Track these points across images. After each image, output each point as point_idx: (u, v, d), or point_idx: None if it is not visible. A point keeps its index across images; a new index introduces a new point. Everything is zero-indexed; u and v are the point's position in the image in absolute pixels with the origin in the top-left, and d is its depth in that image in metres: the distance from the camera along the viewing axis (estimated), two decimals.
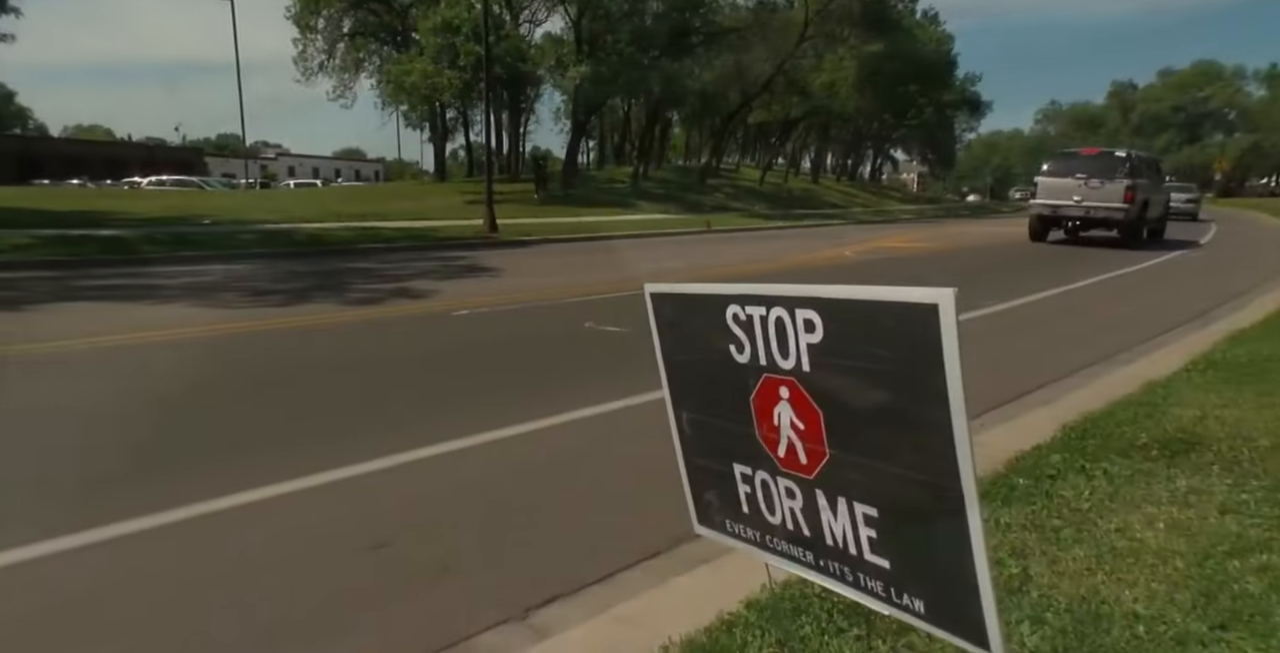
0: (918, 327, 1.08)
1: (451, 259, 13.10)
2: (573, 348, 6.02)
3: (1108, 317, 7.64)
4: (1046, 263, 13.31)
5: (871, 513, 1.25)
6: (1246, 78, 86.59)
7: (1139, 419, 3.66)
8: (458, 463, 3.49)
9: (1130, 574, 2.21)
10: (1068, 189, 15.88)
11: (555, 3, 29.51)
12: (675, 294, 1.52)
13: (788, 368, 1.30)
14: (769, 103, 41.78)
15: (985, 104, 68.95)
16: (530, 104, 38.67)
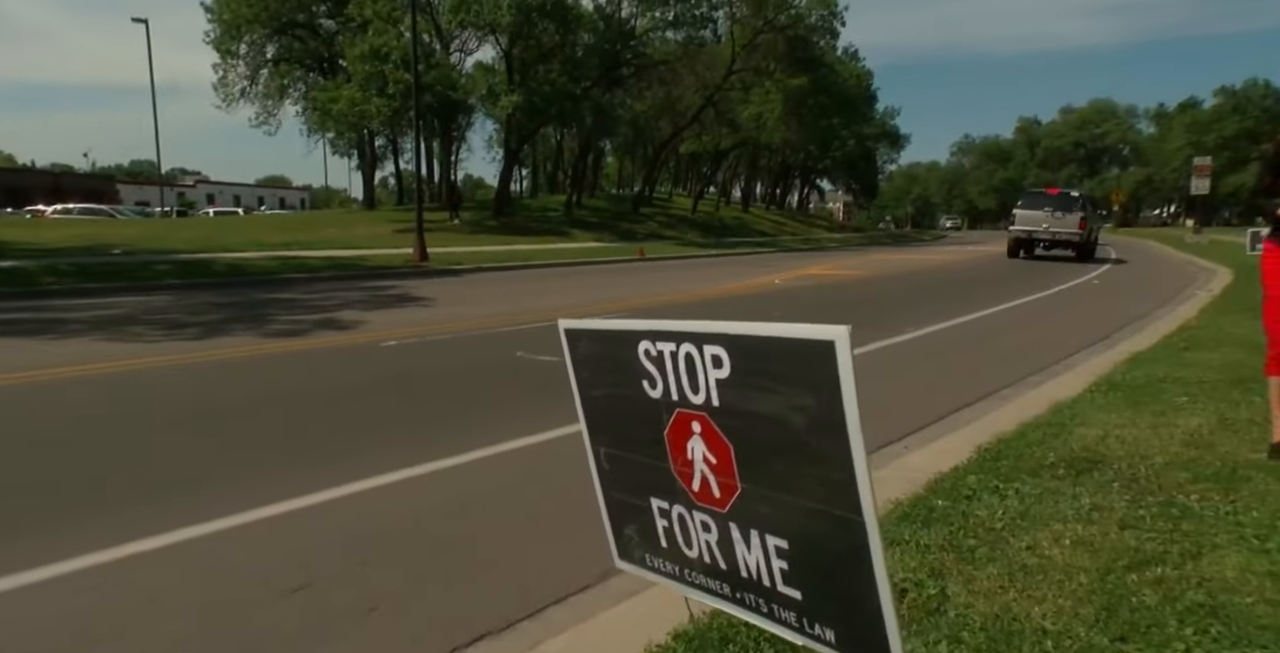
0: (816, 362, 1.12)
1: (380, 289, 12.85)
2: (505, 378, 5.95)
3: (1020, 340, 8.00)
4: (961, 290, 13.90)
5: (782, 545, 1.28)
6: (1138, 116, 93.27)
7: (1047, 440, 3.83)
8: (385, 498, 3.39)
9: (1039, 591, 2.30)
10: (1037, 219, 21.10)
11: (486, 32, 29.65)
12: (589, 330, 1.54)
13: (698, 403, 1.32)
14: (699, 133, 42.75)
15: (904, 137, 72.34)
16: (462, 132, 38.57)
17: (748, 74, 37.57)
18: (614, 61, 31.30)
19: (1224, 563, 2.37)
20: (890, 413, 4.89)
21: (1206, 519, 2.73)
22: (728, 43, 35.87)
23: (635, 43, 32.15)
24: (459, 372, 6.25)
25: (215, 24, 30.14)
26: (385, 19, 26.42)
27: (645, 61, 33.49)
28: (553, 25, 27.78)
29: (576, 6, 30.15)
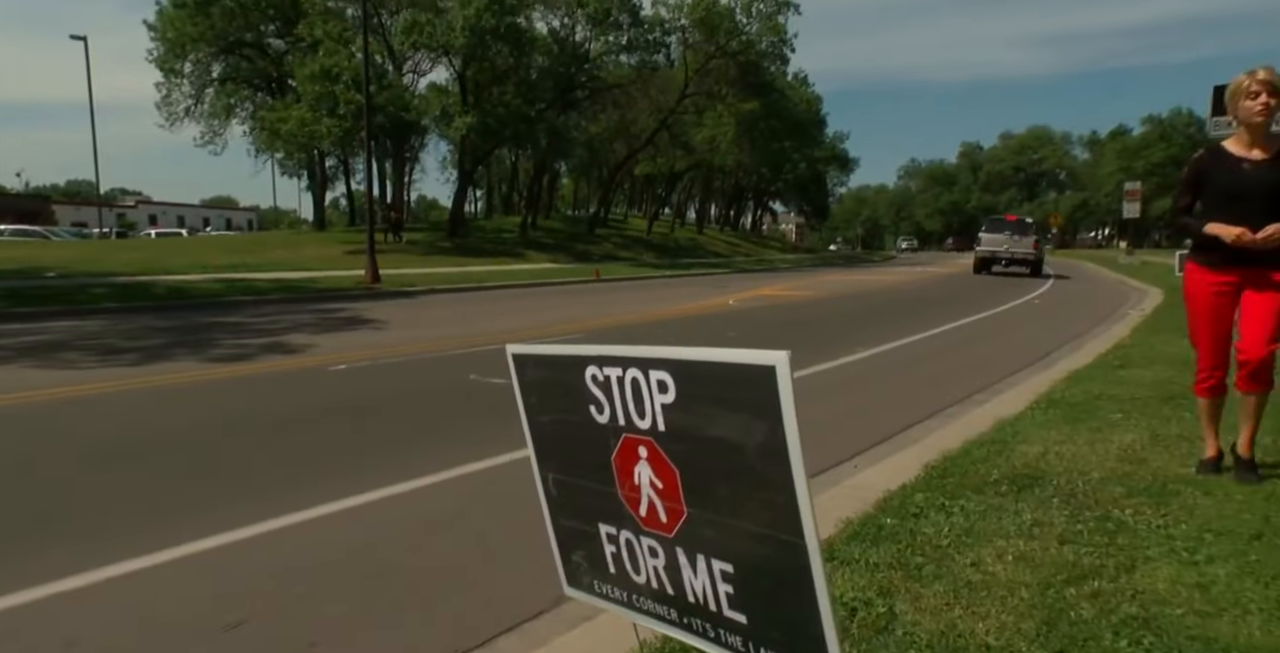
0: (757, 387, 1.14)
1: (330, 311, 12.61)
2: (457, 401, 5.88)
3: (967, 359, 8.22)
4: (910, 310, 14.23)
5: (728, 569, 1.28)
6: (1073, 142, 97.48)
7: (991, 457, 3.93)
8: (329, 528, 3.30)
9: (983, 607, 2.35)
10: (999, 241, 25.29)
11: (439, 54, 29.62)
12: (536, 356, 1.54)
13: (645, 428, 1.33)
14: (654, 156, 43.22)
15: (853, 160, 74.17)
16: (415, 153, 38.31)
17: (701, 98, 38.22)
18: (568, 84, 31.54)
19: (1156, 576, 2.45)
20: (842, 432, 4.96)
21: (1140, 533, 2.83)
22: (681, 67, 36.48)
23: (589, 66, 32.46)
24: (410, 395, 6.15)
25: (159, 42, 29.53)
26: (336, 39, 26.23)
27: (599, 84, 33.82)
28: (506, 48, 27.90)
29: (530, 30, 30.37)
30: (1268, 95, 3.17)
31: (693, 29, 35.17)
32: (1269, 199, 3.20)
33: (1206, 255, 3.40)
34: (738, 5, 35.45)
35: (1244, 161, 3.27)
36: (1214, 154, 3.39)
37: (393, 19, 31.37)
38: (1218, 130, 9.02)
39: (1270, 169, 3.22)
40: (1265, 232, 3.13)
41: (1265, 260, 3.23)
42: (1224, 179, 3.30)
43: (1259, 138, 3.27)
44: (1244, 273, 3.31)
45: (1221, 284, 3.36)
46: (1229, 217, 3.24)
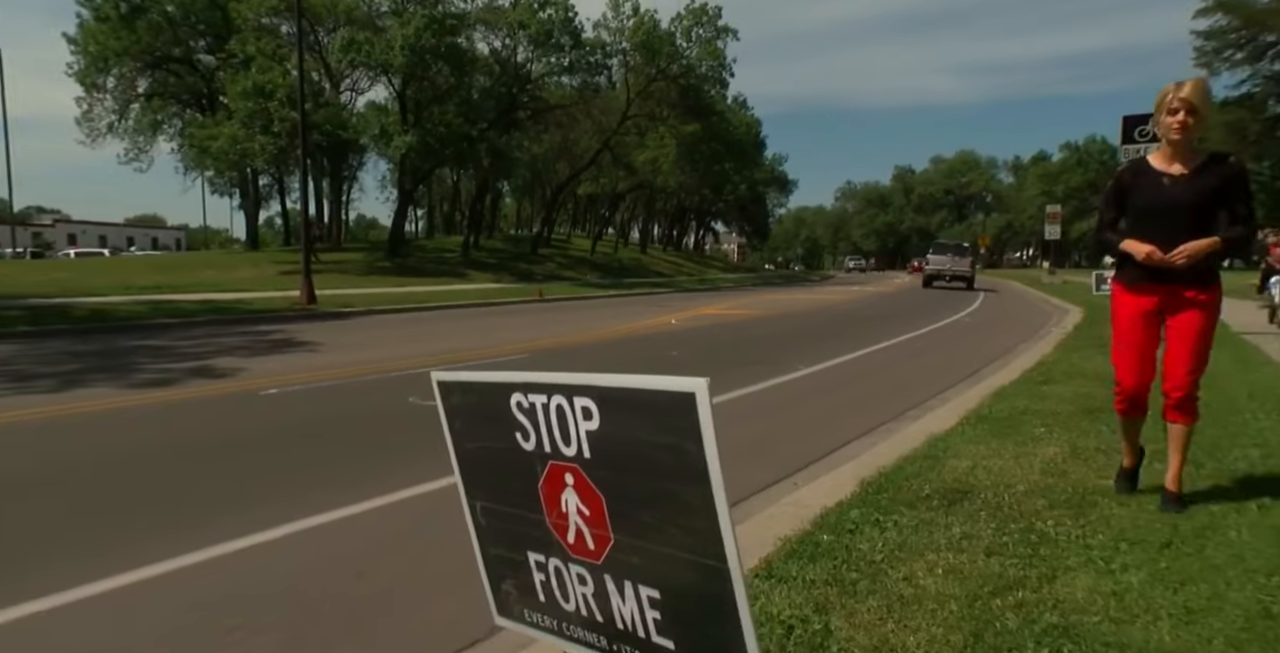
0: (678, 413, 1.15)
1: (263, 334, 12.22)
2: (396, 424, 5.75)
3: (903, 375, 8.44)
4: (848, 328, 14.55)
5: (654, 595, 1.28)
6: (998, 167, 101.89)
7: (923, 472, 4.03)
8: (261, 558, 3.18)
9: (915, 621, 2.39)
10: (943, 261, 31.27)
11: (378, 73, 29.31)
12: (462, 382, 1.52)
13: (570, 455, 1.33)
14: (597, 176, 43.49)
15: (792, 182, 75.97)
16: (353, 172, 37.69)
17: (642, 120, 38.68)
18: (510, 104, 31.56)
19: (1075, 585, 2.54)
20: (783, 450, 5.03)
21: (1060, 543, 2.93)
22: (622, 89, 36.89)
23: (531, 86, 32.58)
24: (345, 420, 5.99)
25: (80, 56, 28.46)
26: (270, 56, 25.73)
27: (542, 105, 33.95)
28: (447, 67, 27.79)
29: (471, 50, 30.35)
30: (1185, 113, 3.06)
31: (633, 52, 35.66)
32: (1189, 215, 3.09)
33: (1127, 273, 3.29)
34: (678, 30, 36.13)
35: (1165, 176, 3.16)
36: (1136, 169, 3.28)
37: (330, 37, 30.97)
38: (1128, 158, 9.57)
39: (1190, 185, 3.11)
40: (1175, 252, 3.02)
41: (1183, 279, 3.12)
42: (1145, 194, 3.19)
43: (1179, 153, 3.16)
44: (1163, 292, 3.18)
45: (1142, 304, 3.24)
46: (1150, 233, 3.14)
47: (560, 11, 30.66)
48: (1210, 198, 3.10)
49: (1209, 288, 3.17)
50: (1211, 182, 3.10)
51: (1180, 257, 3.02)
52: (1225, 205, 3.11)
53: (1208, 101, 3.11)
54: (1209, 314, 3.16)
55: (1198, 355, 3.15)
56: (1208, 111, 3.12)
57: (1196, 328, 3.14)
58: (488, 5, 31.02)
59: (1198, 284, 3.14)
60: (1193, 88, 3.05)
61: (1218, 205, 3.11)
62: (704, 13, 36.00)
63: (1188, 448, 3.32)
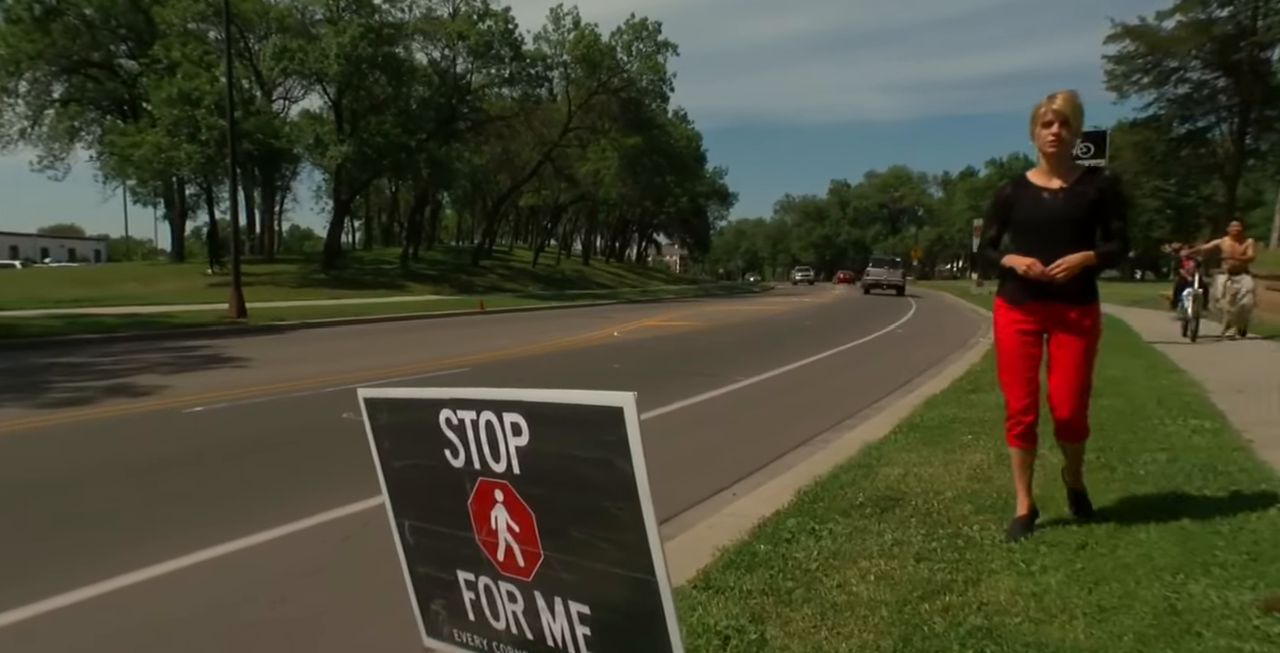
0: (606, 427, 1.16)
1: (189, 349, 11.75)
2: (326, 442, 5.58)
3: (840, 385, 8.62)
4: (788, 339, 14.81)
5: (584, 611, 1.28)
6: (929, 182, 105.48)
7: (857, 480, 4.12)
8: (183, 584, 3.04)
9: (847, 627, 2.44)
10: (880, 273, 38.01)
11: (312, 81, 28.67)
12: (389, 399, 1.50)
13: (500, 471, 1.32)
14: (539, 188, 43.33)
15: (732, 195, 77.09)
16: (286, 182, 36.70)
17: (584, 132, 38.77)
18: (450, 115, 31.23)
19: (998, 587, 2.63)
20: (723, 460, 5.08)
21: (985, 547, 3.04)
22: (564, 101, 36.94)
23: (471, 98, 32.32)
24: (274, 437, 5.79)
25: None
26: (197, 62, 24.90)
27: (482, 116, 33.70)
28: (384, 77, 27.37)
29: (409, 60, 29.97)
30: (1059, 126, 3.00)
31: (574, 65, 35.77)
32: (1068, 230, 3.03)
33: (1009, 290, 3.19)
34: (618, 44, 36.40)
35: (1044, 191, 3.10)
36: (1017, 185, 3.22)
37: (261, 44, 30.16)
38: None
39: (1069, 199, 3.05)
40: (1054, 266, 2.95)
41: (1064, 296, 3.05)
42: (1026, 210, 3.12)
43: (1056, 167, 3.10)
44: (1045, 310, 3.11)
45: (1024, 321, 3.15)
46: (1031, 248, 3.07)
47: (500, 23, 30.56)
48: (1087, 212, 3.04)
49: (1089, 306, 3.11)
50: (1089, 195, 3.04)
51: (1059, 270, 2.95)
52: (1101, 220, 3.06)
53: (1079, 114, 3.04)
54: (1090, 334, 3.11)
55: (1082, 378, 3.09)
56: (1079, 124, 3.08)
57: (1079, 349, 3.08)
58: (426, 16, 30.69)
59: (1078, 302, 3.07)
60: (1065, 100, 2.99)
61: (1095, 220, 3.06)
62: (644, 27, 36.39)
63: (1083, 455, 3.34)
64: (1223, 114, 36.26)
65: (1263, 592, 2.44)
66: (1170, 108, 36.54)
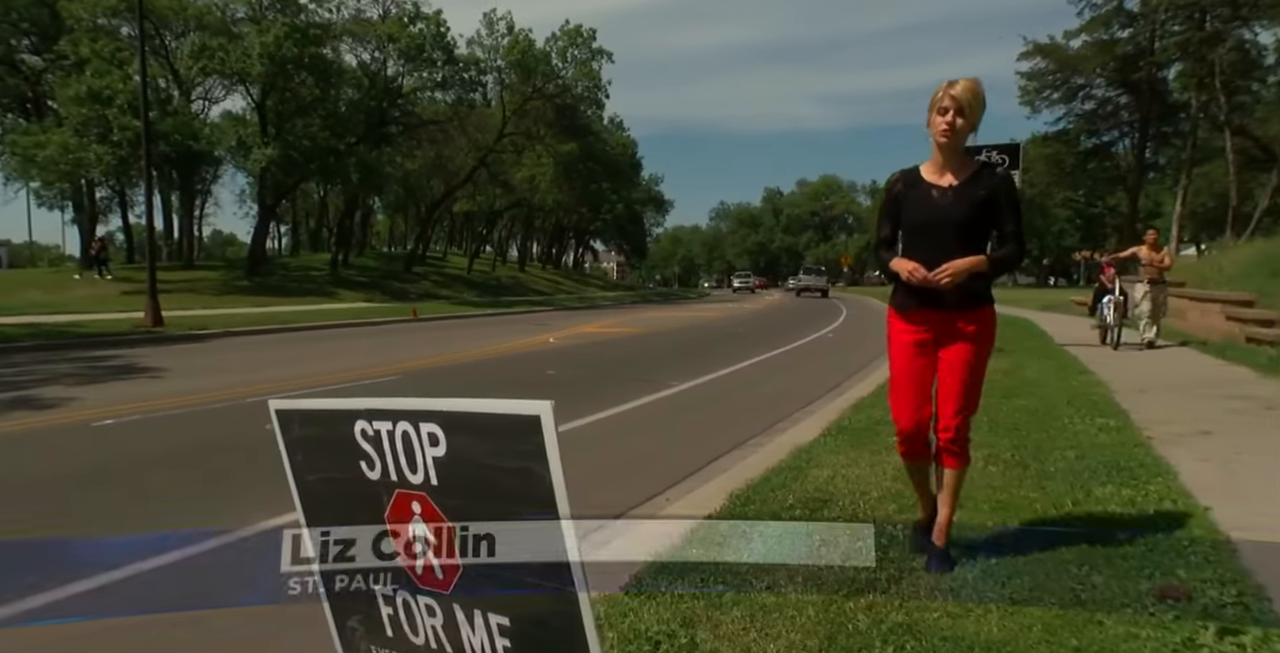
0: (523, 437, 1.15)
1: (99, 360, 11.16)
2: (247, 455, 5.37)
3: (775, 389, 8.76)
4: (723, 344, 14.99)
5: (504, 622, 1.27)
6: (858, 190, 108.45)
7: (788, 483, 4.20)
8: (72, 613, 2.86)
9: (776, 628, 2.48)
10: (810, 279, 48.26)
11: (235, 81, 27.67)
12: (303, 411, 1.46)
13: (417, 483, 1.30)
14: (473, 193, 42.78)
15: (668, 202, 77.75)
16: (207, 185, 35.31)
17: (519, 138, 38.53)
18: (380, 118, 30.58)
19: (919, 584, 2.72)
20: (657, 465, 5.10)
21: (907, 545, 3.13)
22: (498, 107, 36.65)
23: (403, 101, 31.74)
24: (189, 452, 5.55)
25: None
26: (108, 59, 23.72)
27: (414, 120, 33.14)
28: (311, 78, 26.62)
29: (338, 61, 29.25)
30: (954, 113, 2.71)
31: (509, 70, 35.55)
32: (958, 231, 2.75)
33: (899, 297, 2.93)
34: (553, 50, 36.36)
35: (934, 189, 2.81)
36: (909, 180, 2.90)
37: (178, 41, 28.96)
38: None
39: (960, 197, 2.77)
40: (938, 271, 2.68)
41: (954, 304, 2.78)
42: (915, 208, 2.84)
43: (949, 161, 2.81)
44: (934, 320, 2.83)
45: (913, 331, 2.87)
46: (920, 250, 2.79)
47: (432, 26, 30.14)
48: (979, 211, 2.76)
49: (980, 315, 2.83)
50: (981, 194, 2.77)
51: (943, 276, 2.67)
52: (994, 221, 2.80)
53: (979, 104, 2.74)
54: (981, 345, 2.84)
55: (968, 392, 2.82)
56: (978, 117, 2.76)
57: (967, 361, 2.79)
58: (355, 17, 30.03)
59: (969, 310, 2.80)
60: (965, 87, 2.70)
61: (988, 220, 2.79)
62: (579, 34, 36.45)
63: (957, 496, 2.98)
64: (1125, 129, 38.46)
65: (1158, 581, 2.59)
66: (1078, 122, 38.53)
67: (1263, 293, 10.39)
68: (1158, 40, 32.21)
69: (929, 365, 2.89)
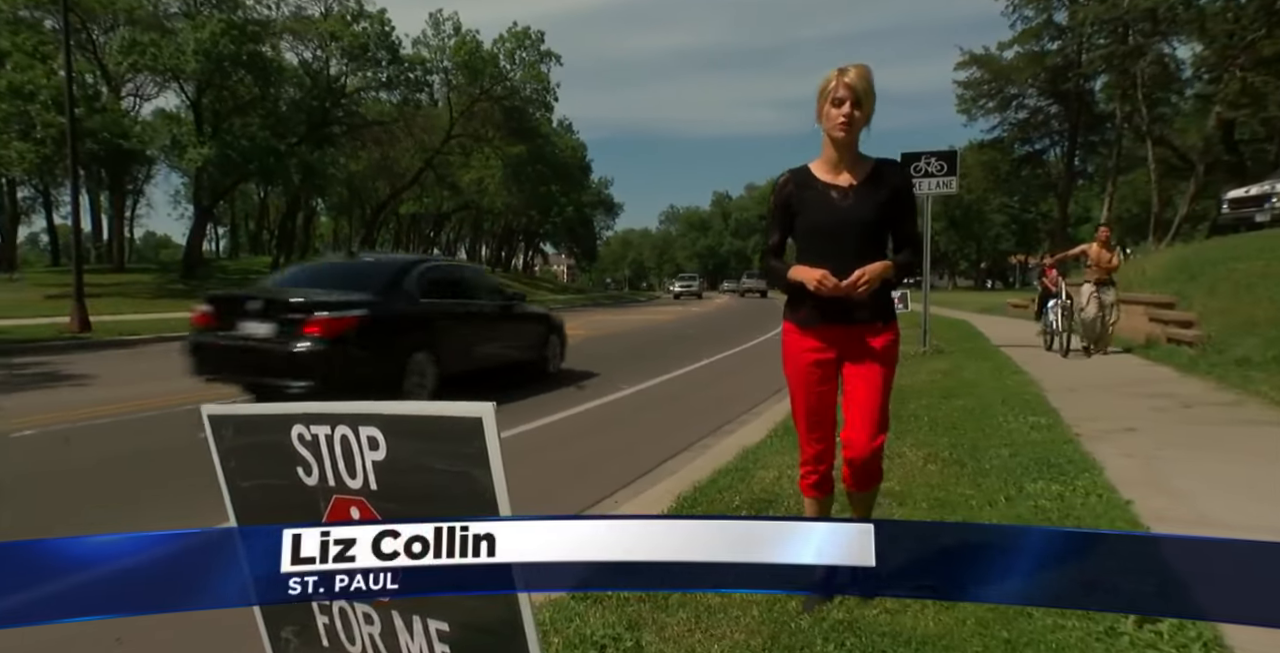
0: (465, 439, 1.15)
1: (19, 367, 10.63)
2: (179, 465, 5.17)
3: (725, 391, 8.85)
4: (674, 346, 15.08)
5: (444, 628, 1.26)
6: None
7: (734, 484, 4.24)
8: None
9: (720, 629, 2.51)
10: (750, 282, 51.01)
11: (168, 79, 26.74)
12: (237, 416, 1.42)
13: (356, 488, 1.28)
14: (420, 195, 42.21)
15: (618, 205, 77.86)
16: (139, 185, 34.01)
17: (467, 140, 38.16)
18: (323, 118, 29.93)
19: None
20: (607, 467, 5.11)
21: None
22: (446, 108, 36.21)
23: (346, 101, 31.11)
24: (117, 463, 5.33)
25: None
26: (30, 53, 22.68)
27: (358, 121, 32.52)
28: (250, 76, 25.90)
29: (278, 59, 28.51)
30: (851, 105, 2.43)
31: (456, 71, 35.17)
32: (861, 236, 2.51)
33: (796, 311, 2.62)
34: (501, 51, 36.11)
35: (832, 189, 2.54)
36: (800, 179, 2.61)
37: (107, 36, 27.85)
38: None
39: (862, 198, 2.51)
40: (853, 277, 2.41)
41: (861, 316, 2.53)
42: (811, 212, 2.55)
43: (845, 158, 2.53)
44: (839, 335, 2.56)
45: (816, 349, 2.58)
46: (819, 257, 2.51)
47: (376, 25, 29.64)
48: (881, 213, 2.53)
49: (888, 327, 2.59)
50: (883, 194, 2.53)
51: (860, 282, 2.41)
52: (895, 223, 2.58)
53: (873, 95, 2.47)
54: (889, 361, 2.59)
55: (880, 414, 2.55)
56: (872, 107, 2.48)
57: (877, 380, 2.55)
58: (296, 14, 29.33)
59: (877, 323, 2.56)
60: (858, 74, 2.42)
61: (888, 223, 2.57)
62: (526, 36, 36.30)
63: (873, 505, 2.86)
64: (1055, 138, 40.14)
65: None
66: (1012, 131, 40.03)
67: (1182, 295, 10.92)
68: (1085, 53, 33.67)
69: (834, 388, 2.63)
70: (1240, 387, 6.87)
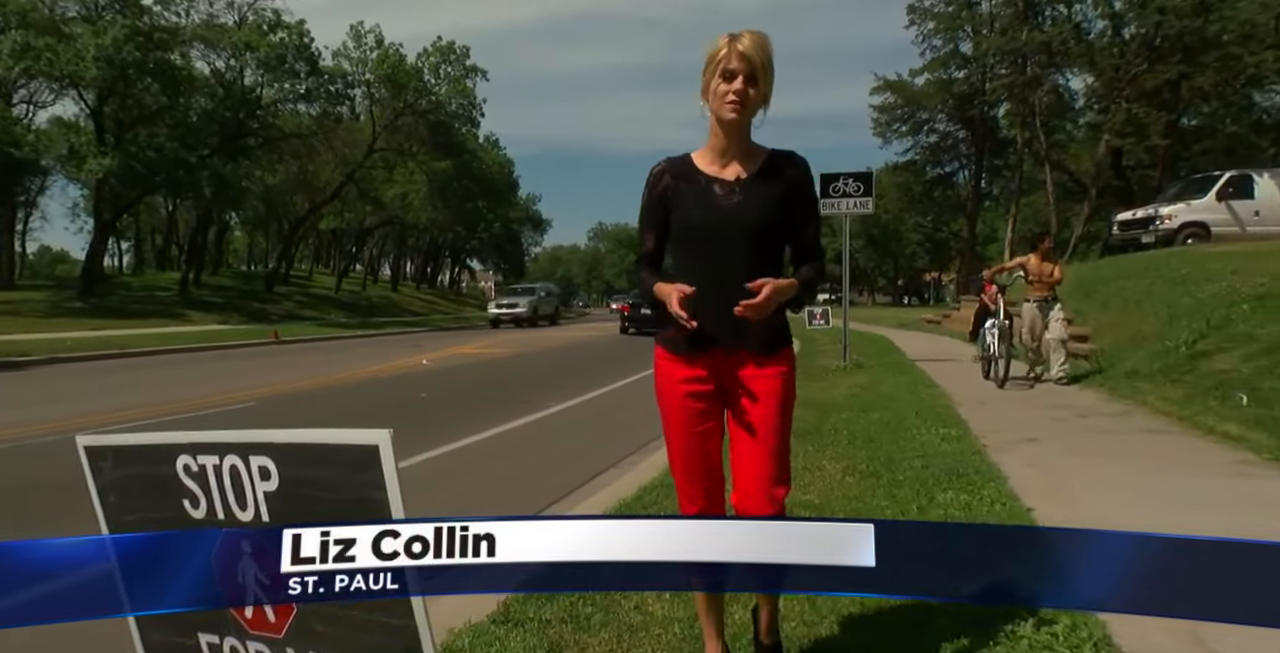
0: (361, 467, 1.11)
1: None
2: (68, 498, 4.84)
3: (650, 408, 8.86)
4: (601, 363, 15.07)
5: None
6: None
7: (659, 501, 4.24)
8: None
9: (641, 647, 2.49)
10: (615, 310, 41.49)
11: (65, 85, 25.33)
12: (116, 447, 1.34)
13: (247, 520, 1.22)
14: (341, 209, 41.07)
15: (546, 221, 77.69)
16: (32, 197, 32.02)
17: (390, 154, 37.41)
18: (237, 130, 28.84)
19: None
20: (533, 486, 5.04)
21: None
22: (368, 121, 35.47)
23: (262, 113, 30.08)
24: (3, 494, 4.94)
25: None
26: None
27: (275, 133, 31.47)
28: (157, 85, 24.78)
29: (188, 68, 27.39)
30: (743, 81, 1.90)
31: (378, 84, 34.52)
32: (754, 240, 2.01)
33: (673, 336, 2.08)
34: (425, 66, 35.66)
35: (717, 183, 2.04)
36: (678, 171, 2.09)
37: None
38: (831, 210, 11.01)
39: (753, 194, 2.01)
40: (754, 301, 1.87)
41: (752, 341, 2.00)
42: (689, 210, 2.05)
43: (734, 146, 2.03)
44: (720, 364, 2.04)
45: (692, 380, 2.06)
46: (699, 267, 2.04)
47: (294, 36, 28.84)
48: (777, 213, 2.03)
49: (783, 354, 2.08)
50: (778, 191, 2.03)
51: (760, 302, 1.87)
52: (792, 226, 2.07)
53: (772, 68, 1.95)
54: (786, 395, 2.05)
55: (775, 465, 2.01)
56: (770, 86, 1.97)
57: (771, 422, 2.01)
58: (207, 22, 28.27)
59: (772, 350, 2.04)
60: (754, 41, 1.91)
61: (785, 226, 2.06)
62: (451, 51, 35.96)
63: None
64: (964, 161, 42.24)
65: None
66: (924, 154, 41.95)
67: (1079, 311, 11.59)
68: (988, 81, 35.62)
69: (718, 426, 2.10)
70: (1129, 397, 7.32)
